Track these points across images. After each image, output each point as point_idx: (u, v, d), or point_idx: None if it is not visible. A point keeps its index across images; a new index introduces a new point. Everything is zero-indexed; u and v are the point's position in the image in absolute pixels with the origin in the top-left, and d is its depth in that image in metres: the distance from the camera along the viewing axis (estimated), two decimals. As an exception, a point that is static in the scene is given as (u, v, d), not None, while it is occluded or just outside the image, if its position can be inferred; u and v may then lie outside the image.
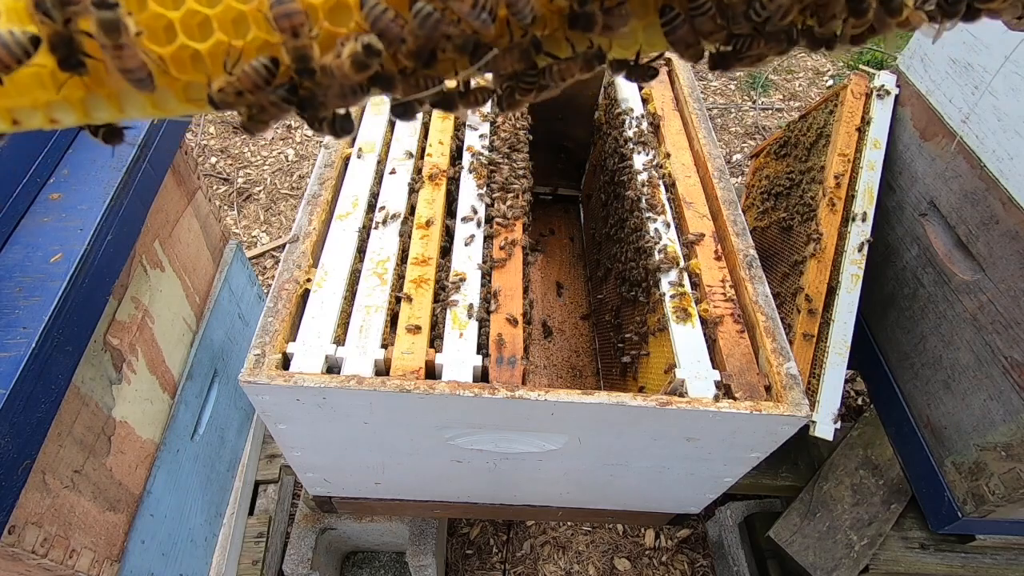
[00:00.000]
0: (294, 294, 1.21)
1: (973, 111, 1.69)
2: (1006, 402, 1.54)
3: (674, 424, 1.17)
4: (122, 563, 1.40)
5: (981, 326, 1.62)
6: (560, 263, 2.39)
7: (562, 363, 2.07)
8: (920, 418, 1.84)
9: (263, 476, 2.24)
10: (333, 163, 1.49)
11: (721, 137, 4.43)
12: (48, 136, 1.31)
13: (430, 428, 1.21)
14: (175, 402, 1.68)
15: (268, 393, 1.08)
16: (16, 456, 1.02)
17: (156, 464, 1.57)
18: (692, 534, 2.54)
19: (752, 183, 2.47)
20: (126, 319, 1.45)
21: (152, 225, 1.55)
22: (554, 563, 2.43)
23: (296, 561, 1.81)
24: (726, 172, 1.62)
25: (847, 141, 1.96)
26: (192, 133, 4.01)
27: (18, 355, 1.03)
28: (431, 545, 1.89)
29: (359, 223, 1.38)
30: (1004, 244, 1.56)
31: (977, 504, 1.63)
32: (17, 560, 1.12)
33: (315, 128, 0.60)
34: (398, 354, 1.16)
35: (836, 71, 5.14)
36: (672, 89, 1.94)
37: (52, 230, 1.22)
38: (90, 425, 1.32)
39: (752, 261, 1.40)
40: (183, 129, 1.65)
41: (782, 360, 1.22)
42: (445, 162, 1.56)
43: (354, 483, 1.53)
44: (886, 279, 2.00)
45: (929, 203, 1.82)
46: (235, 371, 2.02)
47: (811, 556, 1.86)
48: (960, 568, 1.89)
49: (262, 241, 3.53)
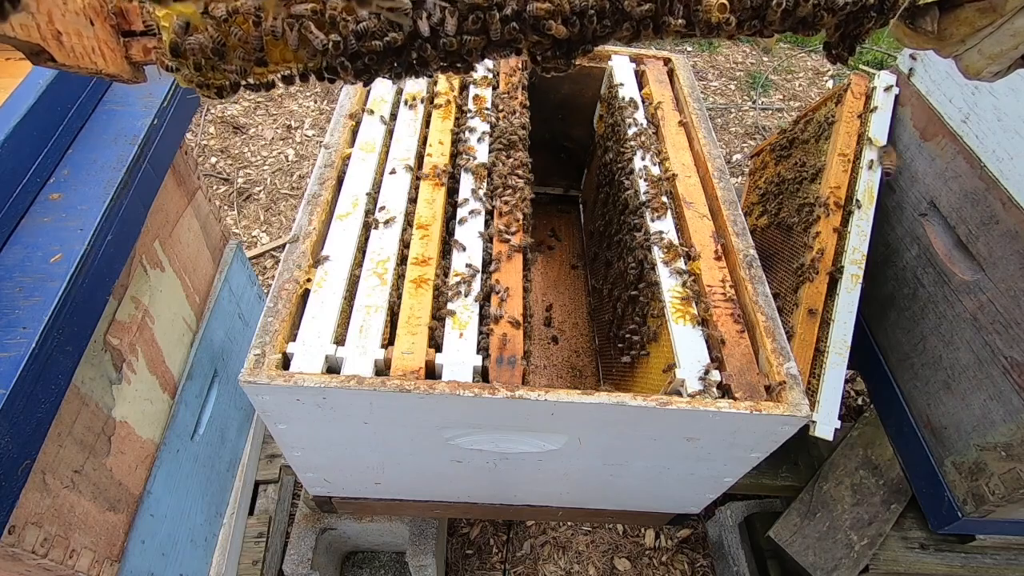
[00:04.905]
0: (294, 294, 1.21)
1: (973, 111, 1.69)
2: (1006, 402, 1.54)
3: (674, 424, 1.17)
4: (122, 563, 1.40)
5: (981, 326, 1.62)
6: (560, 263, 2.39)
7: (562, 363, 2.07)
8: (920, 418, 1.84)
9: (263, 476, 2.24)
10: (333, 163, 1.49)
11: (721, 137, 4.43)
12: (48, 136, 1.31)
13: (430, 428, 1.21)
14: (175, 402, 1.68)
15: (268, 393, 1.08)
16: (16, 456, 1.02)
17: (156, 464, 1.57)
18: (692, 534, 2.54)
19: (752, 183, 2.47)
20: (126, 319, 1.45)
21: (152, 225, 1.55)
22: (554, 563, 2.43)
23: (296, 561, 1.81)
24: (726, 172, 1.62)
25: (847, 141, 1.96)
26: (192, 133, 4.01)
27: (18, 355, 1.03)
28: (431, 545, 1.89)
29: (359, 223, 1.38)
30: (1004, 244, 1.56)
31: (977, 504, 1.63)
32: (17, 560, 1.12)
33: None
34: (398, 354, 1.16)
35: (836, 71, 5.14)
36: (672, 89, 1.94)
37: (52, 230, 1.22)
38: (90, 425, 1.32)
39: (752, 261, 1.40)
40: (183, 129, 1.65)
41: (782, 360, 1.22)
42: (445, 162, 1.56)
43: (354, 483, 1.53)
44: (886, 279, 2.00)
45: (929, 203, 1.82)
46: (235, 371, 2.02)
47: (811, 556, 1.86)
48: (960, 568, 1.89)
49: (262, 241, 3.53)
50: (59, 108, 1.34)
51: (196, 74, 0.75)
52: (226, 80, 0.76)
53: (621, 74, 1.99)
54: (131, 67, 0.79)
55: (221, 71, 0.75)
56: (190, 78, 0.76)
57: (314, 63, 0.76)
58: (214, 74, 0.76)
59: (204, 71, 0.75)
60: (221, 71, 0.75)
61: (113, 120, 1.45)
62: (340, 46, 0.73)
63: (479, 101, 1.76)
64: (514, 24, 0.75)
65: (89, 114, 1.44)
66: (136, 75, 0.81)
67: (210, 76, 0.76)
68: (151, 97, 1.51)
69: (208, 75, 0.76)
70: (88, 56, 0.71)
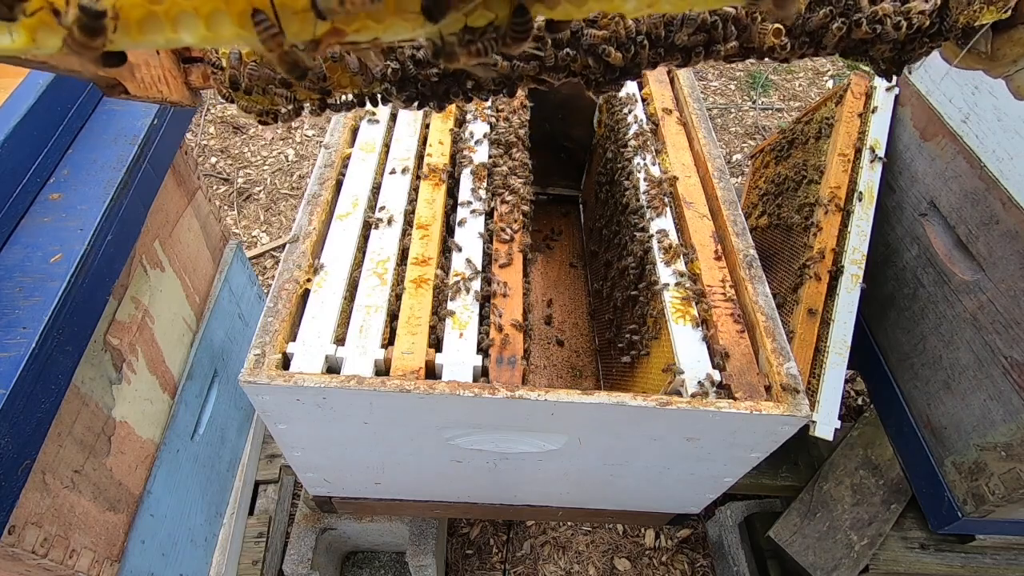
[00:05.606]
0: (294, 294, 1.21)
1: (973, 111, 1.68)
2: (1006, 402, 1.54)
3: (674, 424, 1.17)
4: (122, 563, 1.40)
5: (981, 326, 1.62)
6: (560, 263, 2.39)
7: (562, 363, 2.07)
8: (920, 418, 1.84)
9: (263, 476, 2.24)
10: (333, 163, 1.49)
11: (721, 137, 4.43)
12: (48, 136, 1.31)
13: (430, 428, 1.21)
14: (175, 402, 1.68)
15: (268, 393, 1.08)
16: (16, 456, 1.02)
17: (156, 464, 1.57)
18: (692, 534, 2.53)
19: (752, 183, 2.47)
20: (126, 319, 1.45)
21: (152, 225, 1.55)
22: (554, 563, 2.43)
23: (296, 561, 1.81)
24: (726, 172, 1.62)
25: (847, 141, 1.96)
26: (192, 133, 4.01)
27: (18, 355, 1.03)
28: (431, 545, 1.89)
29: (359, 223, 1.38)
30: (1004, 244, 1.56)
31: (977, 504, 1.62)
32: (17, 560, 1.12)
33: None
34: (398, 354, 1.16)
35: (836, 71, 5.14)
36: (672, 89, 1.94)
37: (52, 230, 1.22)
38: (90, 425, 1.32)
39: (752, 261, 1.40)
40: (183, 129, 1.65)
41: (782, 360, 1.22)
42: (445, 162, 1.56)
43: (354, 483, 1.53)
44: (886, 279, 2.00)
45: (929, 203, 1.82)
46: (235, 371, 2.02)
47: (811, 556, 1.86)
48: (960, 568, 1.89)
49: (262, 241, 3.53)
50: (59, 108, 1.34)
51: (253, 101, 0.76)
52: (285, 107, 0.77)
53: (621, 74, 1.98)
54: (190, 92, 0.81)
55: (281, 97, 0.76)
56: (248, 108, 0.78)
57: (369, 88, 0.77)
58: (272, 102, 0.76)
59: (264, 99, 0.76)
60: (281, 97, 0.76)
61: (113, 120, 1.45)
62: (398, 73, 0.74)
63: (479, 102, 1.76)
64: (568, 50, 0.75)
65: (89, 114, 1.44)
66: (195, 100, 0.83)
67: (269, 103, 0.77)
68: (151, 97, 1.51)
69: (265, 102, 0.77)
70: (156, 85, 0.74)
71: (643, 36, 0.76)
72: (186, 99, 0.81)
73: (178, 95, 0.79)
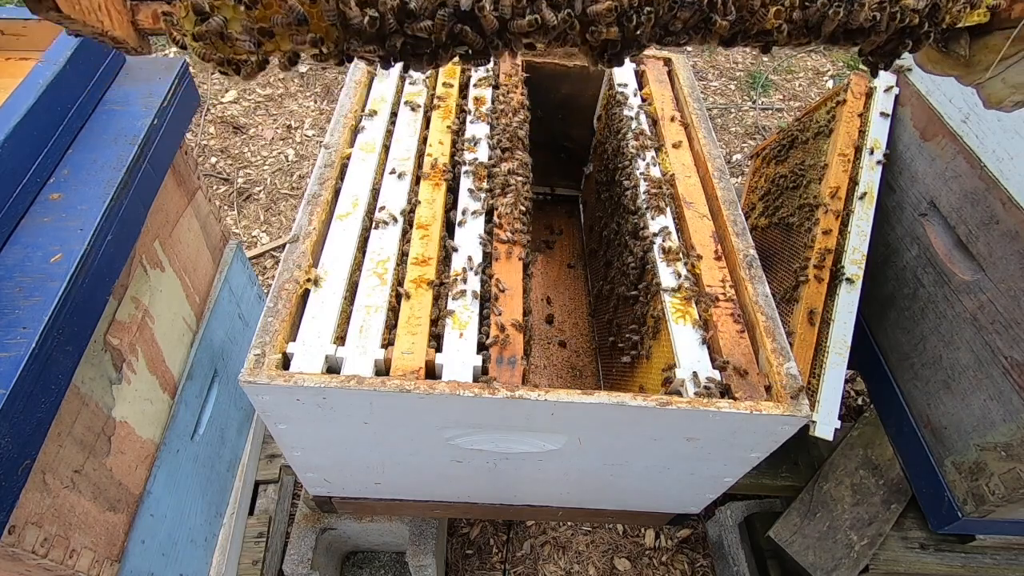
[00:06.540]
0: (294, 294, 1.21)
1: (973, 111, 1.68)
2: (1006, 402, 1.54)
3: (674, 424, 1.17)
4: (122, 563, 1.40)
5: (981, 326, 1.62)
6: (560, 263, 2.39)
7: (562, 363, 2.07)
8: (920, 418, 1.84)
9: (263, 476, 2.24)
10: (333, 163, 1.49)
11: (721, 137, 4.43)
12: (48, 136, 1.31)
13: (430, 428, 1.21)
14: (175, 402, 1.68)
15: (268, 393, 1.08)
16: (16, 456, 1.02)
17: (156, 464, 1.57)
18: (692, 534, 2.53)
19: (752, 183, 2.47)
20: (126, 319, 1.45)
21: (152, 225, 1.55)
22: (554, 563, 2.43)
23: (296, 561, 1.81)
24: (726, 172, 1.62)
25: (847, 141, 1.96)
26: (192, 133, 4.01)
27: (18, 355, 1.03)
28: (431, 545, 1.89)
29: (359, 223, 1.38)
30: (1004, 244, 1.56)
31: (977, 504, 1.63)
32: (17, 560, 1.12)
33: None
34: (398, 354, 1.15)
35: (836, 71, 5.14)
36: (672, 89, 1.94)
37: (52, 230, 1.22)
38: (90, 425, 1.32)
39: (752, 261, 1.40)
40: (183, 129, 1.65)
41: (782, 360, 1.22)
42: (445, 162, 1.56)
43: (354, 483, 1.53)
44: (886, 279, 2.00)
45: (929, 203, 1.82)
46: (235, 371, 2.02)
47: (811, 556, 1.86)
48: (960, 568, 1.89)
49: (262, 241, 3.53)
50: (59, 108, 1.34)
51: (215, 49, 0.69)
52: (248, 55, 0.70)
53: (621, 74, 1.98)
54: (137, 34, 0.74)
55: (244, 43, 0.69)
56: (207, 55, 0.70)
57: (345, 40, 0.71)
58: (234, 48, 0.69)
59: (223, 44, 0.69)
60: (244, 43, 0.69)
61: (113, 120, 1.45)
62: (376, 23, 0.68)
63: (479, 102, 1.76)
64: (568, 11, 0.74)
65: (89, 114, 1.44)
66: (141, 44, 0.75)
67: (230, 50, 0.70)
68: (151, 97, 1.51)
69: (226, 48, 0.69)
70: (94, 12, 0.66)
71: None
72: (131, 40, 0.73)
73: (122, 32, 0.70)
